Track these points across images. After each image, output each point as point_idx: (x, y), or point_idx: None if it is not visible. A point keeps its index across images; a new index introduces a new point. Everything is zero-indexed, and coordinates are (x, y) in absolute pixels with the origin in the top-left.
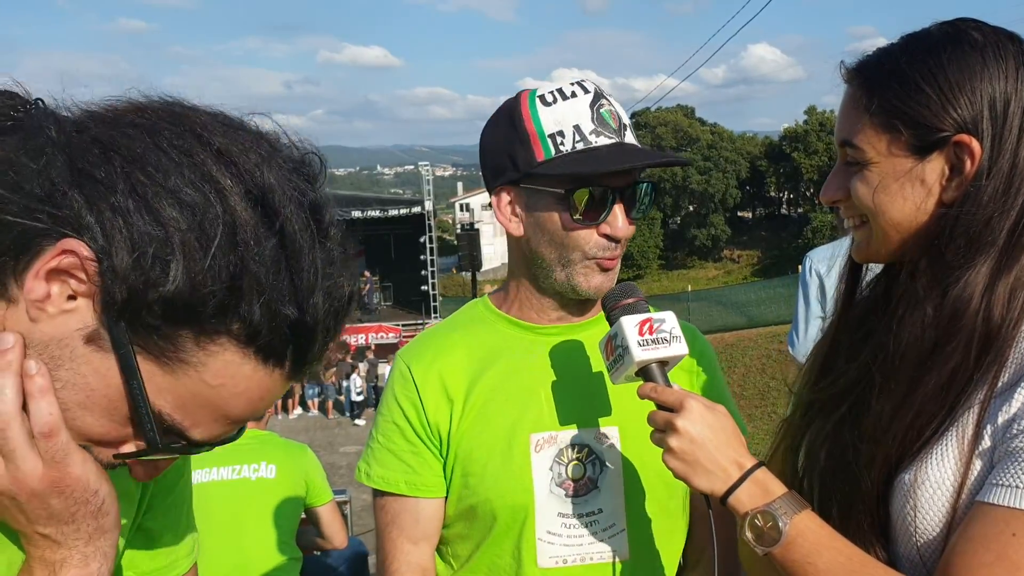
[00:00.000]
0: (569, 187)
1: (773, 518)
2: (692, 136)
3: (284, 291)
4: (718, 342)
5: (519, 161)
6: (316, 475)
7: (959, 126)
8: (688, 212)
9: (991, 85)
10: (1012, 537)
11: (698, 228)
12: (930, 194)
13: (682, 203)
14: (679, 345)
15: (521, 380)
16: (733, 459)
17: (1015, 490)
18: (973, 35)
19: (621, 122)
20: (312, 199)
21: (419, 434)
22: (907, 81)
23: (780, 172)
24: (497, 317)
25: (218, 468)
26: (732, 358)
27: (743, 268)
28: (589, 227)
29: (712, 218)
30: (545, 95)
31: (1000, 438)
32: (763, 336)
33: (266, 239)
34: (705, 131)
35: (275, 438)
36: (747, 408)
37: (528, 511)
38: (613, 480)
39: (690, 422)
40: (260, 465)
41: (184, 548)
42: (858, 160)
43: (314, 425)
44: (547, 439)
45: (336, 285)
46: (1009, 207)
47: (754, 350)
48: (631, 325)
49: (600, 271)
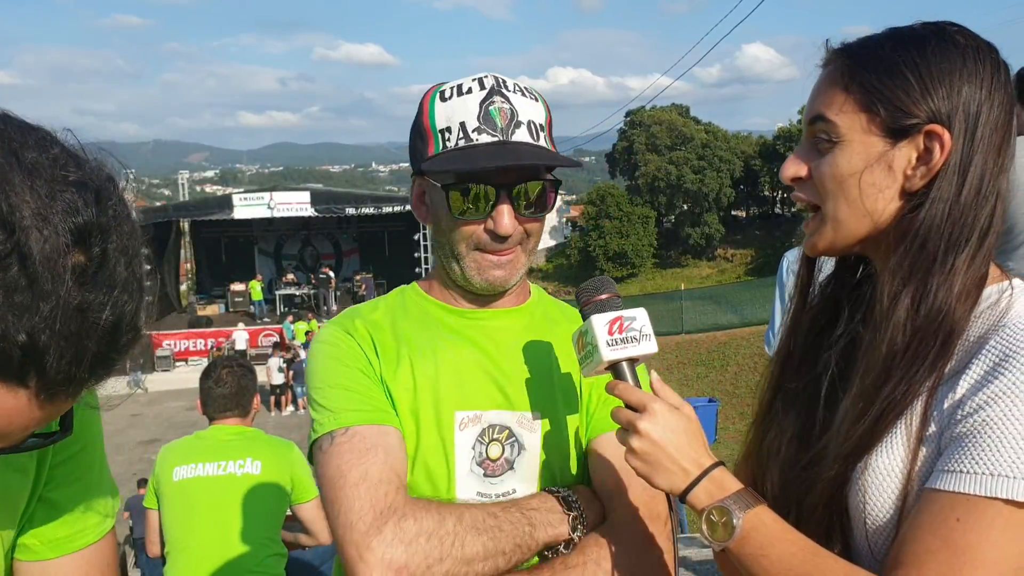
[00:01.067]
0: (448, 183)
1: (727, 513)
2: (687, 135)
3: (20, 314)
4: (711, 340)
5: (418, 155)
6: (302, 472)
7: (933, 116)
8: (682, 211)
9: (968, 86)
10: (956, 522)
11: (692, 227)
12: (895, 180)
13: (676, 202)
14: (648, 344)
15: (448, 357)
16: (692, 459)
17: (957, 475)
18: (956, 37)
19: (513, 120)
20: (86, 217)
21: (368, 374)
22: (890, 64)
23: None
24: (425, 300)
25: (203, 464)
26: (725, 356)
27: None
28: (475, 223)
29: (706, 217)
30: (445, 91)
31: (946, 424)
32: (756, 335)
33: (3, 261)
34: (700, 130)
35: (261, 435)
36: (740, 406)
37: (450, 486)
38: (529, 462)
39: (651, 424)
40: (246, 461)
41: (93, 517)
42: (829, 137)
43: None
44: (472, 418)
45: (94, 306)
46: (980, 207)
47: (747, 348)
48: (601, 324)
49: (494, 265)
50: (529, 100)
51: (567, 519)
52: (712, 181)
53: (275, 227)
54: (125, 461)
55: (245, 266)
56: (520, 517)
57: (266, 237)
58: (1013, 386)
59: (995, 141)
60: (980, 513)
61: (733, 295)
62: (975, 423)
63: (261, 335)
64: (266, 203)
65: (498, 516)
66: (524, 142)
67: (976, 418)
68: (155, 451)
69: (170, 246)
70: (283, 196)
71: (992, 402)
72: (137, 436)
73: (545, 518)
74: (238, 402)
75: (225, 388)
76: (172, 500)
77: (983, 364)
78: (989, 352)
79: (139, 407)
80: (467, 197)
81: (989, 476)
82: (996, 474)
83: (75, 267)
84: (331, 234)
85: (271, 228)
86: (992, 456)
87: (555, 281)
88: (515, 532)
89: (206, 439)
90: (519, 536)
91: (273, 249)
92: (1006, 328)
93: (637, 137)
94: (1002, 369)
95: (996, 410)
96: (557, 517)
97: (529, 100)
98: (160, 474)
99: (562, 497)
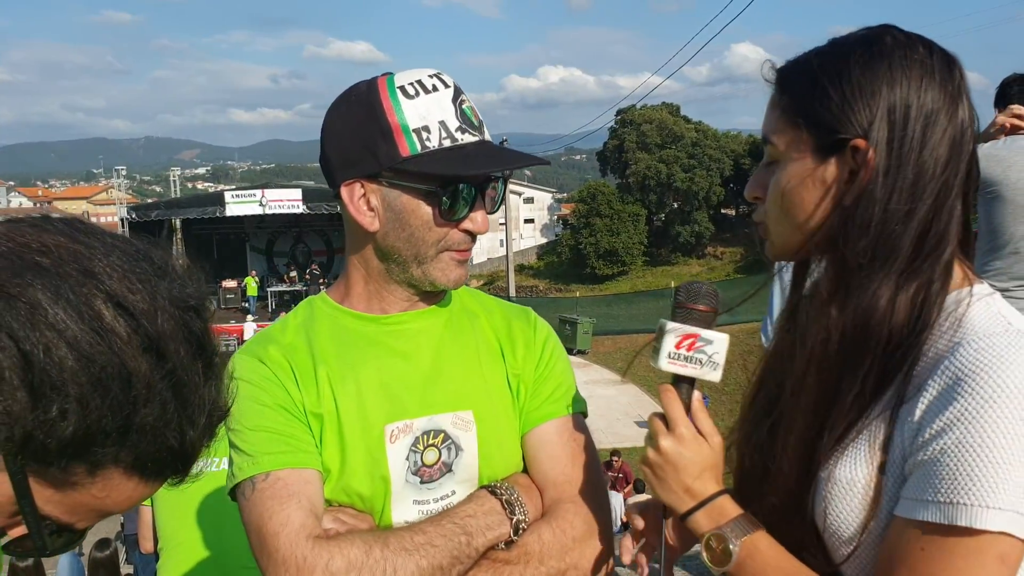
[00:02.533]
0: (438, 185)
1: (725, 540)
2: (677, 134)
3: (171, 425)
4: None
5: (380, 154)
6: None
7: (857, 131)
8: (672, 209)
9: (891, 91)
10: (921, 551)
11: (682, 225)
12: (830, 196)
13: (667, 200)
14: (712, 372)
15: (370, 372)
16: (700, 486)
17: (920, 503)
18: (885, 40)
19: (479, 118)
20: (199, 330)
21: (289, 408)
22: (816, 82)
23: None
24: (338, 312)
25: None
26: None
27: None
28: (451, 223)
29: (696, 215)
30: (406, 87)
31: (908, 448)
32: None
33: (158, 384)
34: (690, 129)
35: None
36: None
37: (385, 502)
38: (468, 463)
39: (672, 444)
40: None
41: None
42: (773, 157)
43: None
44: (402, 428)
45: (217, 405)
46: (912, 215)
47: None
48: (673, 335)
49: (456, 264)
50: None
51: (509, 522)
52: (702, 179)
53: (267, 224)
54: None
55: (237, 263)
56: (453, 528)
57: (258, 234)
58: (968, 412)
59: (932, 137)
60: (942, 541)
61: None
62: (934, 451)
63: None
64: (258, 200)
65: (428, 532)
66: (491, 140)
67: (935, 446)
68: None
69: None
70: (275, 193)
71: (949, 429)
72: None
73: (483, 523)
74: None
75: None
76: (164, 496)
77: (940, 384)
78: (945, 372)
79: None
80: (454, 198)
81: (948, 505)
82: (955, 503)
83: (203, 371)
84: (323, 231)
85: (263, 225)
86: (950, 485)
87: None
88: (449, 545)
89: None
90: (455, 548)
91: (265, 246)
92: (962, 346)
93: (628, 136)
94: (957, 392)
95: (953, 437)
96: (497, 519)
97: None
98: None
99: (504, 500)
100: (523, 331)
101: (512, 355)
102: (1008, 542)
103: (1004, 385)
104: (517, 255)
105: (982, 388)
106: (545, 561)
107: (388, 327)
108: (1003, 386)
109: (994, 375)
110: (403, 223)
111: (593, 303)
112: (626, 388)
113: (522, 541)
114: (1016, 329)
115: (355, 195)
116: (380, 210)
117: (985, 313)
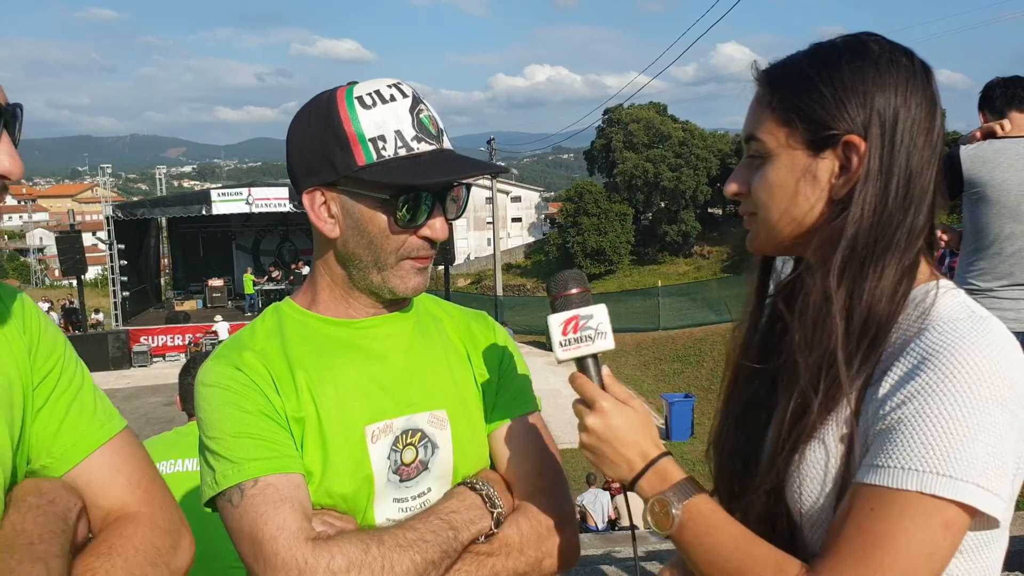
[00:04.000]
0: (393, 193)
1: (667, 504)
2: (664, 133)
3: None
4: (688, 336)
5: (337, 163)
6: None
7: (849, 127)
8: (659, 208)
9: (883, 93)
10: (871, 511)
11: (669, 224)
12: (821, 190)
13: (654, 200)
14: (603, 341)
15: (347, 374)
16: (639, 451)
17: (874, 469)
18: (871, 47)
19: (438, 127)
20: None
21: (270, 414)
22: (806, 81)
23: None
24: (307, 317)
25: (183, 460)
26: (701, 352)
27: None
28: (408, 230)
29: (683, 214)
30: (363, 97)
31: (871, 422)
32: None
33: None
34: (677, 128)
35: None
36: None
37: (368, 502)
38: (443, 460)
39: (597, 420)
40: None
41: (95, 421)
42: (760, 153)
43: None
44: (383, 428)
45: None
46: (904, 209)
47: (722, 344)
48: (556, 324)
49: (416, 272)
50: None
51: (491, 516)
52: (689, 179)
53: (253, 223)
54: None
55: (223, 262)
56: (441, 524)
57: (244, 233)
58: (928, 385)
59: (918, 141)
60: (891, 503)
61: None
62: (892, 420)
63: None
64: (244, 199)
65: (418, 529)
66: (451, 150)
67: (893, 415)
68: None
69: (148, 241)
70: (262, 192)
71: (909, 400)
72: None
73: (467, 517)
74: None
75: None
76: None
77: (906, 364)
78: (911, 352)
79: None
80: (410, 206)
81: (900, 470)
82: (907, 468)
83: None
84: (309, 230)
85: (249, 224)
86: (904, 451)
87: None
88: (439, 540)
89: (186, 435)
90: (444, 543)
91: (251, 245)
92: (928, 330)
93: (615, 135)
94: (921, 369)
95: (911, 408)
96: (479, 513)
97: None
98: None
99: (484, 495)
100: (484, 334)
101: (477, 356)
102: (954, 510)
103: (964, 362)
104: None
105: (943, 365)
106: (524, 551)
107: (360, 331)
108: (963, 363)
109: (956, 353)
110: (361, 231)
111: None
112: None
113: (502, 533)
114: (979, 316)
115: (316, 203)
116: (340, 217)
117: (951, 303)
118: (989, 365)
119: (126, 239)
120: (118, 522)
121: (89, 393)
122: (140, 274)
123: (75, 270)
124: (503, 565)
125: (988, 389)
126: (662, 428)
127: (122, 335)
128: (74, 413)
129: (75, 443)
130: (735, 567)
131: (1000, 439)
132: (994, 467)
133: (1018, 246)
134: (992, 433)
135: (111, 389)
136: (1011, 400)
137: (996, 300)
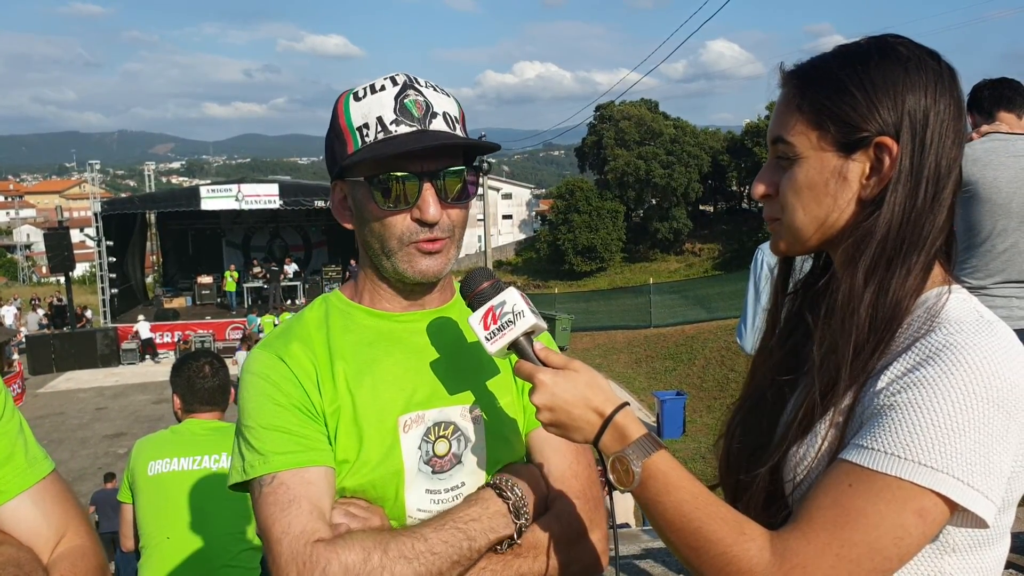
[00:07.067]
0: (369, 174)
1: (627, 461)
2: (655, 130)
3: None
4: (679, 334)
5: (337, 156)
6: None
7: (881, 128)
8: (651, 205)
9: (912, 95)
10: (848, 487)
11: (660, 221)
12: (851, 191)
13: (645, 197)
14: (524, 320)
15: (385, 366)
16: (591, 408)
17: (859, 448)
18: (900, 49)
19: (429, 111)
20: None
21: (303, 408)
22: (837, 83)
23: (741, 166)
24: (351, 308)
25: (179, 458)
26: (692, 350)
27: (704, 261)
28: (401, 213)
29: (674, 212)
30: (358, 91)
31: (866, 407)
32: (723, 328)
33: None
34: (668, 125)
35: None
36: (707, 399)
37: (399, 492)
38: (476, 454)
39: (540, 394)
40: (221, 456)
41: (20, 462)
42: (788, 156)
43: None
44: (415, 419)
45: None
46: (934, 209)
47: (714, 342)
48: (476, 322)
49: (423, 255)
50: (442, 95)
51: (514, 526)
52: (680, 176)
53: (243, 219)
54: (91, 455)
55: (212, 258)
56: (455, 534)
57: (234, 229)
58: (926, 378)
59: (946, 142)
60: (870, 484)
61: (701, 289)
62: (885, 405)
63: (229, 328)
64: (234, 195)
65: (429, 539)
66: (442, 131)
67: (887, 402)
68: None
69: (136, 238)
70: (251, 188)
71: (905, 390)
72: (103, 430)
73: (486, 526)
74: (223, 396)
75: (210, 382)
76: (147, 494)
77: (909, 360)
78: (916, 350)
79: (105, 400)
80: (391, 188)
81: (883, 454)
82: (890, 453)
83: None
84: (300, 227)
85: (239, 220)
86: (890, 436)
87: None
88: (450, 552)
89: (181, 433)
90: (456, 553)
91: (241, 241)
92: (935, 330)
93: (606, 132)
94: (922, 364)
95: (905, 397)
96: (502, 523)
97: (442, 95)
98: (135, 468)
99: (512, 504)
100: None
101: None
102: (931, 500)
103: (965, 361)
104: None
105: (943, 361)
106: (552, 554)
107: (401, 324)
108: (964, 361)
109: (958, 352)
110: (363, 218)
111: (571, 299)
112: None
113: (532, 535)
114: (987, 320)
115: (336, 196)
116: (352, 208)
117: (960, 306)
118: (990, 366)
119: (114, 236)
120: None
121: (20, 437)
122: (129, 271)
123: (63, 267)
124: (529, 567)
125: (985, 389)
126: (653, 426)
127: (111, 332)
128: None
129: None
130: (695, 527)
131: (992, 439)
132: (980, 465)
133: (1010, 243)
134: (983, 432)
135: (100, 387)
136: (1010, 403)
137: (988, 297)
